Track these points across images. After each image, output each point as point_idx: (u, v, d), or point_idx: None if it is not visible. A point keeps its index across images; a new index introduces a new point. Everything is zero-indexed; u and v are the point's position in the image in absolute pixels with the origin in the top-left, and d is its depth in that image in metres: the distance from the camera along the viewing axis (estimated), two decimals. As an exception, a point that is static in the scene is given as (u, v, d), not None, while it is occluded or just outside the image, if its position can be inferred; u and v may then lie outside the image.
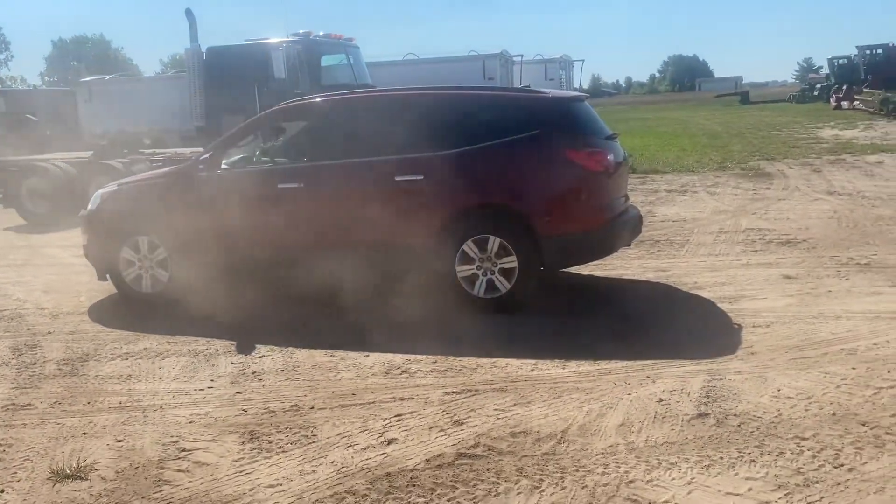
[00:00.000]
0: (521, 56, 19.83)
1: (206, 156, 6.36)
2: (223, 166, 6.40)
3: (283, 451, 3.69)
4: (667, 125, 28.92)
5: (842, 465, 3.26)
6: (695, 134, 23.95)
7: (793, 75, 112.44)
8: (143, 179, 7.02)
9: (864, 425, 3.62)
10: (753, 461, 3.34)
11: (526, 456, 3.51)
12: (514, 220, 5.80)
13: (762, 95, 57.01)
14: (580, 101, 6.39)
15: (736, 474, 3.24)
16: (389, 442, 3.73)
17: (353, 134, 6.25)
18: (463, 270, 5.77)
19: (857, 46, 41.88)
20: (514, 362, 4.73)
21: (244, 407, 4.26)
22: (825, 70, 52.18)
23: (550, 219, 5.73)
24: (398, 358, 4.90)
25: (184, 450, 3.76)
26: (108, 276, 6.62)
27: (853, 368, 4.33)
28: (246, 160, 6.56)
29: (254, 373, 4.81)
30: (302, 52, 11.18)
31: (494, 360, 4.79)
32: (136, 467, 3.61)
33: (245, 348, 5.25)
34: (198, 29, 12.42)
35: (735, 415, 3.82)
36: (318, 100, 7.01)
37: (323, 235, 6.12)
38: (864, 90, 33.73)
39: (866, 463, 3.27)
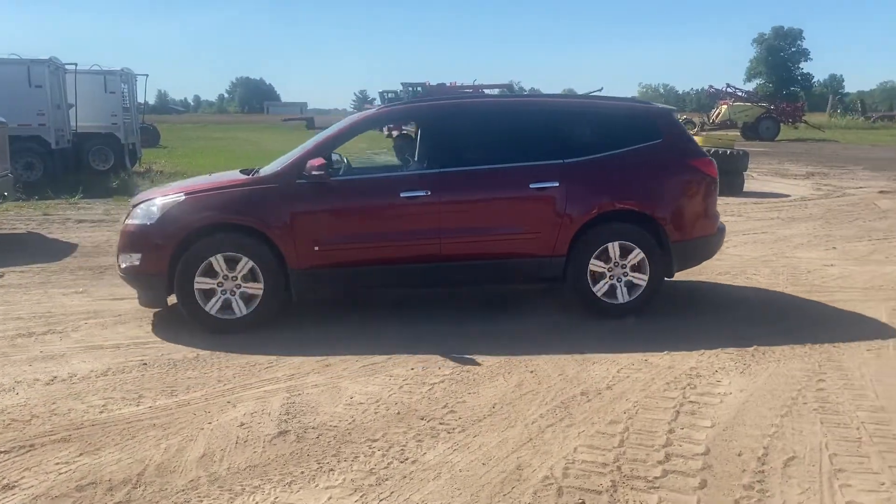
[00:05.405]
0: (76, 65, 17.95)
1: (317, 163, 5.58)
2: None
3: None
4: (239, 146, 29.16)
5: (407, 459, 3.62)
6: (272, 154, 24.45)
7: (351, 104, 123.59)
8: (223, 188, 5.88)
9: (422, 419, 4.08)
10: (332, 470, 3.51)
11: (96, 510, 3.16)
12: (646, 226, 5.90)
13: (326, 122, 61.14)
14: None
15: (317, 486, 3.37)
16: (-90, 528, 3.02)
17: (481, 140, 6.14)
18: (597, 267, 5.86)
19: (401, 83, 47.58)
20: (79, 406, 4.23)
21: None
22: (378, 101, 58.31)
23: (681, 225, 5.97)
24: (-79, 421, 4.01)
25: None
26: (167, 299, 5.76)
27: (412, 369, 4.85)
28: (347, 167, 6.26)
29: None
30: None
31: (53, 407, 4.22)
32: None
33: None
34: None
35: (314, 427, 3.97)
36: (430, 104, 6.71)
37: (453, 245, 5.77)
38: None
39: (426, 453, 3.68)
